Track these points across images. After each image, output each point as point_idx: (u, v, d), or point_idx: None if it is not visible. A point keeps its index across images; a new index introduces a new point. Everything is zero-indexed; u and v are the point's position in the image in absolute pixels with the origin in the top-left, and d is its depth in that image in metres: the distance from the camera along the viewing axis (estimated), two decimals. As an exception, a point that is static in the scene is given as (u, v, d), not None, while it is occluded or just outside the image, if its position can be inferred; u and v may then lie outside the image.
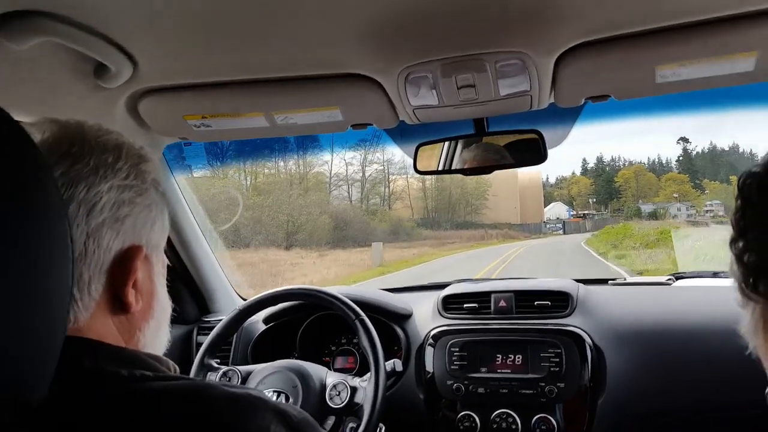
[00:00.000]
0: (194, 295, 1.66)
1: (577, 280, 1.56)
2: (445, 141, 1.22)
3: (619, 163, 57.06)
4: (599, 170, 55.74)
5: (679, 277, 1.63)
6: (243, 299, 1.76)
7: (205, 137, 1.20)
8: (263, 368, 1.26)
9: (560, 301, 1.41)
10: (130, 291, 0.56)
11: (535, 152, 1.19)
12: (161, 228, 0.61)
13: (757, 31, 0.82)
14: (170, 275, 0.66)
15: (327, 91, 1.00)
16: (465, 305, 1.46)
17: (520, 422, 1.27)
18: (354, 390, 1.19)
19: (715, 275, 1.62)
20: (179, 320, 1.60)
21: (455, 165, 1.24)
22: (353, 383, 1.21)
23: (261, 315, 1.54)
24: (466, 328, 1.40)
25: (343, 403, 1.18)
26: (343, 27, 0.81)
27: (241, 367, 1.29)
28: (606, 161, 57.83)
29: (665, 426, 1.29)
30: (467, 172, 1.22)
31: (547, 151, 1.19)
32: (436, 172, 1.26)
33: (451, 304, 1.48)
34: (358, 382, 1.21)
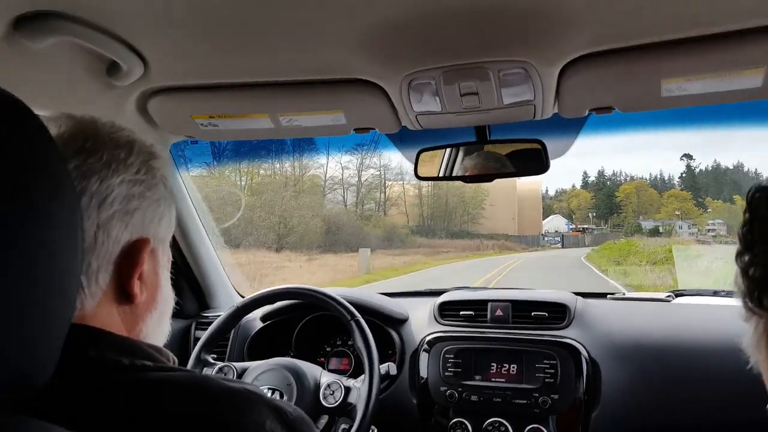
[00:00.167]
0: (194, 291, 1.68)
1: (576, 293, 1.55)
2: (447, 147, 1.22)
3: (621, 178, 56.44)
4: (600, 184, 55.11)
5: (678, 294, 1.62)
6: (242, 296, 1.78)
7: (211, 136, 1.22)
8: (258, 365, 1.27)
9: (558, 313, 1.41)
10: (135, 282, 0.57)
11: (537, 162, 1.19)
12: (168, 223, 0.63)
13: (766, 46, 0.81)
14: (172, 269, 0.68)
15: (331, 95, 1.01)
16: (461, 312, 1.46)
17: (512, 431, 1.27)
18: (348, 390, 1.20)
19: (716, 294, 1.61)
20: (178, 314, 1.61)
21: (456, 172, 1.24)
22: (347, 383, 1.21)
23: (258, 313, 1.55)
24: (462, 336, 1.40)
25: (336, 402, 1.19)
26: (349, 33, 0.82)
27: (236, 364, 1.30)
28: (607, 175, 57.25)
29: None
30: (468, 179, 1.23)
31: (549, 162, 1.19)
32: (436, 178, 1.27)
33: (448, 310, 1.49)
34: (352, 383, 1.22)
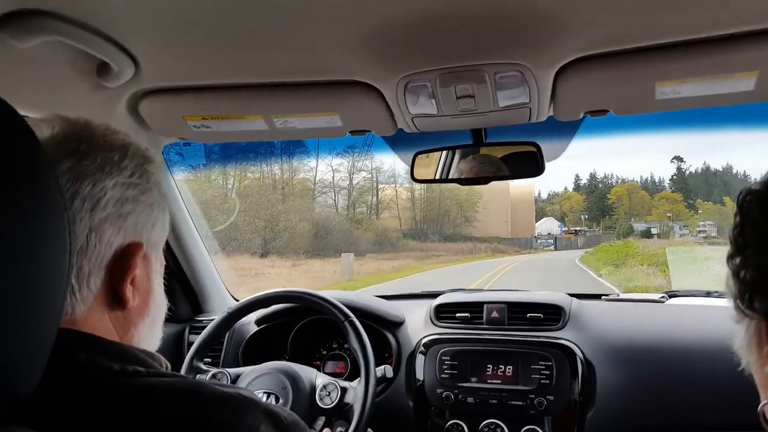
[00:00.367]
0: (187, 295, 1.66)
1: (571, 294, 1.56)
2: (443, 150, 1.22)
3: (612, 180, 56.86)
4: (592, 187, 55.51)
5: (672, 295, 1.63)
6: (236, 300, 1.76)
7: (204, 138, 1.21)
8: (253, 370, 1.26)
9: (553, 314, 1.41)
10: (127, 287, 0.56)
11: (533, 165, 1.19)
12: (162, 228, 0.62)
13: (759, 50, 0.82)
14: (165, 273, 0.67)
15: (326, 96, 1.01)
16: (457, 314, 1.46)
17: (508, 433, 1.27)
18: (344, 390, 1.20)
19: (708, 294, 1.62)
20: (172, 319, 1.60)
21: (452, 174, 1.24)
22: (343, 384, 1.21)
23: (253, 317, 1.54)
24: (458, 338, 1.40)
25: (333, 403, 1.18)
26: (344, 34, 0.82)
27: (230, 370, 1.28)
28: (599, 178, 57.65)
29: None
30: (463, 182, 1.23)
31: (545, 164, 1.20)
32: (432, 181, 1.27)
33: (444, 313, 1.48)
34: (348, 383, 1.22)
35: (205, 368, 1.30)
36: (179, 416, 0.49)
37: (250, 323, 1.57)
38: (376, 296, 1.67)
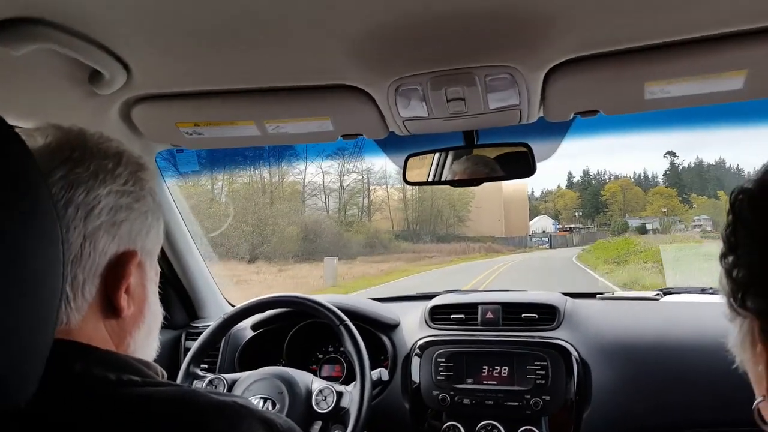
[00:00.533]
0: (183, 301, 1.66)
1: (565, 294, 1.56)
2: (435, 152, 1.23)
3: (605, 177, 56.76)
4: (585, 184, 55.34)
5: (667, 292, 1.64)
6: (232, 305, 1.76)
7: (197, 144, 1.21)
8: (249, 376, 1.25)
9: (547, 314, 1.42)
10: (122, 295, 0.56)
11: (524, 165, 1.20)
12: (156, 236, 0.62)
13: (746, 50, 0.83)
14: (160, 280, 0.67)
15: (318, 101, 1.01)
16: (452, 316, 1.46)
17: (505, 434, 1.27)
18: (340, 394, 1.20)
19: (703, 291, 1.63)
20: (168, 325, 1.59)
21: (445, 176, 1.24)
22: (339, 388, 1.21)
23: (249, 322, 1.54)
24: (453, 339, 1.40)
25: (329, 407, 1.18)
26: (335, 39, 0.82)
27: (226, 376, 1.28)
28: (592, 174, 57.50)
29: None
30: (456, 183, 1.23)
31: (536, 164, 1.20)
32: (425, 183, 1.27)
33: (439, 314, 1.49)
34: (344, 387, 1.22)
35: (201, 374, 1.29)
36: (175, 425, 0.49)
37: (245, 328, 1.57)
38: (371, 299, 1.67)
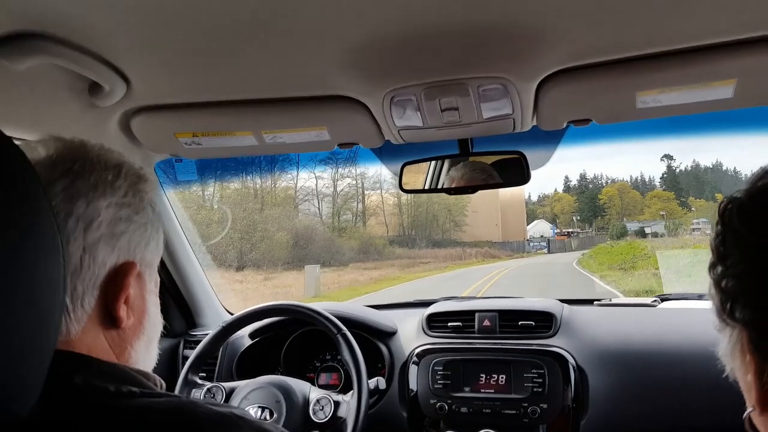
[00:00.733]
0: (181, 309, 1.67)
1: (563, 300, 1.57)
2: (431, 160, 1.24)
3: (602, 181, 56.27)
4: (582, 187, 54.78)
5: (664, 298, 1.64)
6: (230, 314, 1.76)
7: (195, 154, 1.22)
8: (247, 384, 1.26)
9: (544, 321, 1.42)
10: (121, 306, 0.57)
11: (519, 173, 1.20)
12: (155, 247, 0.63)
13: (736, 59, 0.84)
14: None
15: (314, 111, 1.02)
16: (449, 324, 1.46)
17: (503, 442, 1.27)
18: (337, 405, 1.20)
19: (701, 297, 1.63)
20: (166, 334, 1.59)
21: (441, 182, 1.25)
22: (336, 398, 1.21)
23: (246, 330, 1.54)
24: (450, 347, 1.40)
25: (326, 417, 1.18)
26: (330, 51, 0.84)
27: (225, 384, 1.29)
28: (589, 178, 57.04)
29: None
30: (452, 191, 1.24)
31: (530, 172, 1.21)
32: (421, 191, 1.28)
33: (436, 322, 1.49)
34: (341, 397, 1.22)
35: (200, 382, 1.30)
36: None
37: (243, 337, 1.57)
38: (368, 306, 1.67)
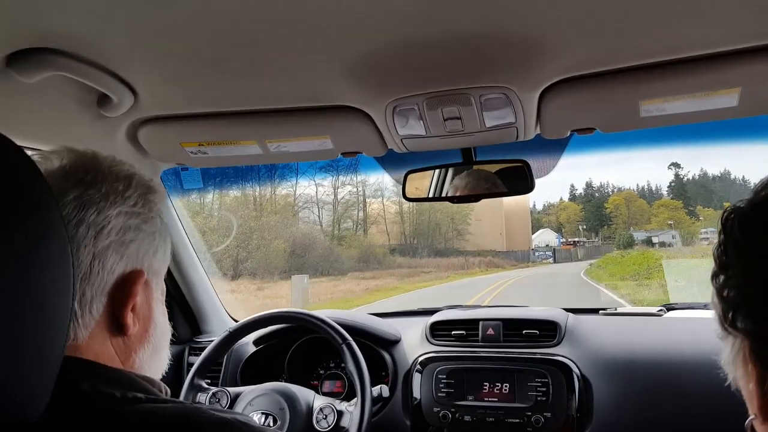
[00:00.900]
0: (186, 316, 1.68)
1: (567, 309, 1.56)
2: (435, 168, 1.24)
3: (609, 189, 55.28)
4: (588, 196, 53.88)
5: (670, 308, 1.62)
6: (235, 320, 1.77)
7: (201, 163, 1.24)
8: (252, 390, 1.27)
9: (548, 330, 1.41)
10: (128, 313, 0.58)
11: (523, 182, 1.20)
12: (163, 256, 0.65)
13: (740, 68, 0.84)
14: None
15: (318, 121, 1.04)
16: (453, 332, 1.46)
17: (506, 451, 1.27)
18: (340, 414, 1.20)
19: (706, 306, 1.61)
20: (171, 340, 1.61)
21: (445, 191, 1.25)
22: (340, 407, 1.21)
23: (251, 337, 1.55)
24: (454, 356, 1.40)
25: (329, 426, 1.19)
26: (334, 62, 0.85)
27: (230, 389, 1.30)
28: (595, 187, 56.09)
29: None
30: (456, 200, 1.24)
31: (535, 181, 1.21)
32: (425, 199, 1.28)
33: (440, 330, 1.49)
34: (345, 406, 1.22)
35: (206, 386, 1.31)
36: None
37: (248, 343, 1.58)
38: (372, 314, 1.67)
